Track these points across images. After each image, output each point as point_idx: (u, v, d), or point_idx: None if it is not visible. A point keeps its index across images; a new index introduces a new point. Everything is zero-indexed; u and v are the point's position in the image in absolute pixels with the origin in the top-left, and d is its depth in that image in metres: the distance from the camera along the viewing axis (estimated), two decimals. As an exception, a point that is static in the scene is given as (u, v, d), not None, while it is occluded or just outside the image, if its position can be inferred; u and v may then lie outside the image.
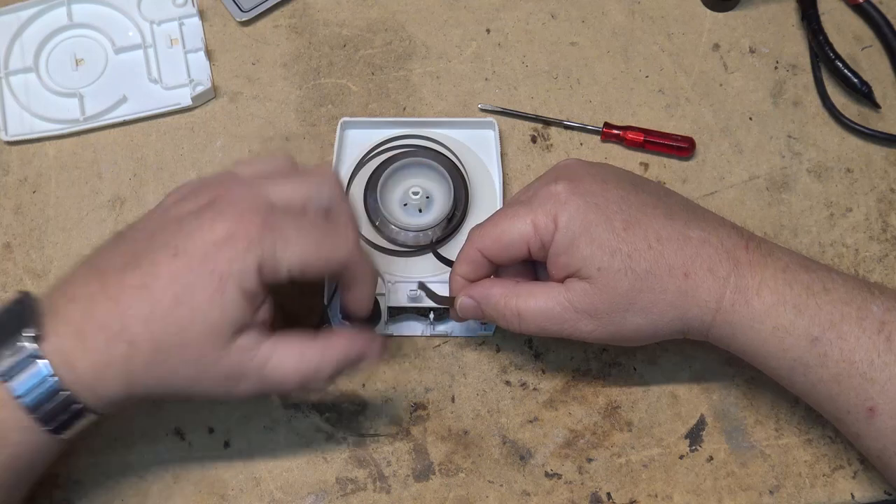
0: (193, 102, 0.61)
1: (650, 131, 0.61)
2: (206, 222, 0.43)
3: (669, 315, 0.46)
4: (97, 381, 0.42)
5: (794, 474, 0.53)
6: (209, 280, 0.41)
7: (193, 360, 0.42)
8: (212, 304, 0.42)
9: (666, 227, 0.47)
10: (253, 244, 0.42)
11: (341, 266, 0.45)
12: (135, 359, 0.42)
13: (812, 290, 0.46)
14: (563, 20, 0.65)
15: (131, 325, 0.42)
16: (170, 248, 0.42)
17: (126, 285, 0.42)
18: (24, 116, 0.61)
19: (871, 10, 0.64)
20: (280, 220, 0.43)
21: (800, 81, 0.63)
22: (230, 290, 0.42)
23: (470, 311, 0.50)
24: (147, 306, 0.42)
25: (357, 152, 0.60)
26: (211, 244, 0.42)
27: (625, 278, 0.46)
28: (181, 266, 0.42)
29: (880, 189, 0.60)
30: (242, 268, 0.42)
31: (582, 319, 0.47)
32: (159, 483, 0.52)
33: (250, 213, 0.43)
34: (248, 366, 0.43)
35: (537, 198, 0.47)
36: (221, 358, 0.43)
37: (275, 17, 0.65)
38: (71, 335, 0.42)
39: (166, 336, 0.42)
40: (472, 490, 0.53)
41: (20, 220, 0.59)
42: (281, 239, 0.43)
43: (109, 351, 0.42)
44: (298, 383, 0.45)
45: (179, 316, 0.42)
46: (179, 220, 0.44)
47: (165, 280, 0.42)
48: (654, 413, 0.55)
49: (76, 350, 0.42)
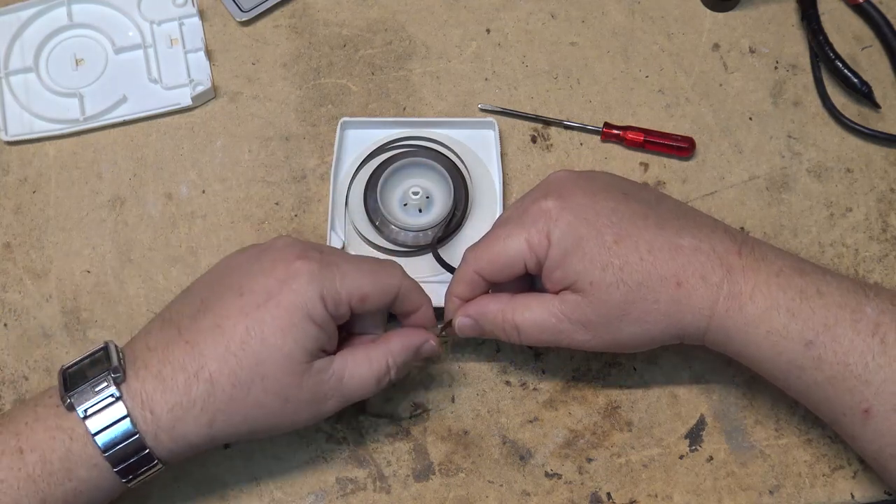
0: (193, 102, 0.61)
1: (650, 131, 0.61)
2: (268, 264, 0.46)
3: (663, 323, 0.47)
4: (177, 422, 0.43)
5: (794, 474, 0.53)
6: (276, 312, 0.44)
7: (275, 390, 0.44)
8: (284, 334, 0.44)
9: (657, 237, 0.47)
10: (314, 278, 0.45)
11: (396, 292, 0.48)
12: (216, 396, 0.44)
13: (806, 294, 0.46)
14: (563, 20, 0.65)
15: (208, 364, 0.44)
16: (235, 289, 0.45)
17: (199, 329, 0.44)
18: (24, 116, 0.61)
19: (871, 10, 0.64)
20: (335, 258, 0.47)
21: (800, 81, 0.63)
22: (298, 319, 0.44)
23: (468, 329, 0.51)
24: (222, 344, 0.44)
25: (357, 152, 0.60)
26: (274, 281, 0.45)
27: (617, 291, 0.46)
28: (248, 303, 0.44)
29: (880, 189, 0.60)
30: (306, 299, 0.44)
31: (577, 331, 0.48)
32: (159, 483, 0.52)
33: (307, 253, 0.46)
34: (328, 385, 0.46)
35: (529, 215, 0.48)
36: (302, 384, 0.45)
37: (275, 17, 0.65)
38: (151, 378, 0.44)
39: (243, 370, 0.44)
40: (472, 490, 0.53)
41: (20, 220, 0.59)
42: (339, 273, 0.46)
43: (189, 391, 0.43)
44: (375, 386, 0.47)
45: (253, 349, 0.44)
46: (240, 267, 0.47)
47: (235, 318, 0.44)
48: (654, 413, 0.55)
49: (156, 392, 0.43)
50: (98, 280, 0.58)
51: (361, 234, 0.57)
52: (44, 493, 0.42)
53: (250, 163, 0.61)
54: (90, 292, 0.58)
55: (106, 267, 0.58)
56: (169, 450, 0.44)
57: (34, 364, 0.56)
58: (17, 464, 0.42)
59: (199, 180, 0.60)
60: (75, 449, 0.43)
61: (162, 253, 0.59)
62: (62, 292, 0.58)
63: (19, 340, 0.57)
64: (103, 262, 0.58)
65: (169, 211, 0.60)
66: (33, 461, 0.42)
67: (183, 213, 0.60)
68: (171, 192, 0.60)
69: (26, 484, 0.42)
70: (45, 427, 0.43)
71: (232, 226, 0.59)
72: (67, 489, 0.43)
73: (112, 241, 0.59)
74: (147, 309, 0.57)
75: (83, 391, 0.43)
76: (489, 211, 0.58)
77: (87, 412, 0.43)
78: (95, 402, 0.43)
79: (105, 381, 0.43)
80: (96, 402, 0.43)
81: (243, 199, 0.60)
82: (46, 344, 0.56)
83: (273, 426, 0.46)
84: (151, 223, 0.59)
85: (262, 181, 0.60)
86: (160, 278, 0.58)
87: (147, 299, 0.58)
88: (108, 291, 0.58)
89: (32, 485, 0.42)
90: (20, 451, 0.43)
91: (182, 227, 0.59)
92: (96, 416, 0.43)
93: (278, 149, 0.61)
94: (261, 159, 0.61)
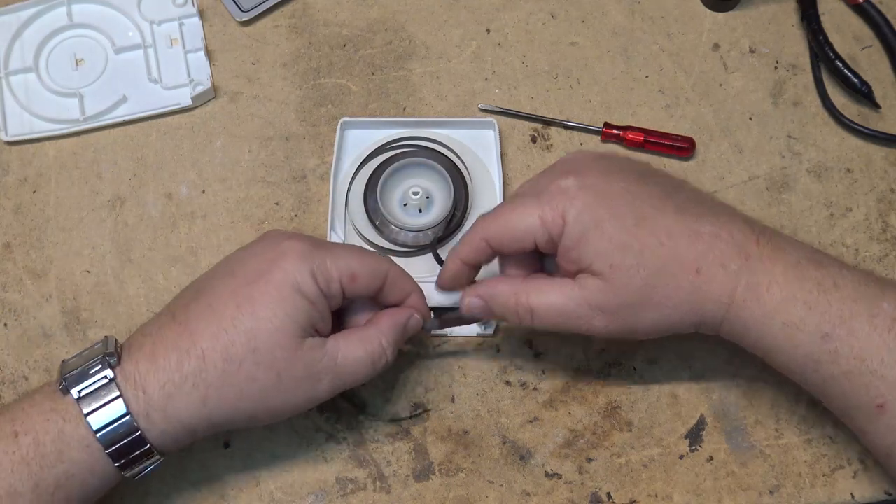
0: (193, 102, 0.61)
1: (650, 131, 0.61)
2: (258, 248, 0.47)
3: (683, 309, 0.46)
4: (169, 401, 0.44)
5: (794, 474, 0.53)
6: (266, 288, 0.45)
7: (267, 363, 0.44)
8: (274, 307, 0.44)
9: (677, 222, 0.46)
10: (305, 255, 0.46)
11: (385, 275, 0.48)
12: (207, 371, 0.44)
13: (823, 287, 0.45)
14: (563, 20, 0.65)
15: (200, 342, 0.44)
16: (227, 272, 0.47)
17: (192, 311, 0.45)
18: (24, 116, 0.61)
19: (871, 10, 0.64)
20: (326, 242, 0.48)
21: (800, 81, 0.63)
22: (289, 293, 0.45)
23: (477, 309, 0.50)
24: (213, 323, 0.44)
25: (357, 152, 0.60)
26: (265, 261, 0.46)
27: (637, 275, 0.45)
28: (239, 282, 0.45)
29: (880, 189, 0.60)
30: (297, 275, 0.45)
31: (596, 316, 0.47)
32: (159, 483, 0.52)
33: (297, 236, 0.47)
34: (322, 364, 0.46)
35: (546, 192, 0.47)
36: (294, 359, 0.45)
37: (275, 17, 0.65)
38: (144, 360, 0.44)
39: (235, 345, 0.44)
40: (472, 490, 0.53)
41: (20, 220, 0.59)
42: (329, 253, 0.47)
43: (181, 368, 0.44)
44: (370, 366, 0.47)
45: (244, 324, 0.44)
46: (234, 256, 0.48)
47: (226, 297, 0.45)
48: (654, 413, 0.55)
49: (148, 373, 0.44)
50: (98, 280, 0.58)
51: (361, 234, 0.57)
52: (37, 477, 0.43)
53: (250, 163, 0.61)
54: (90, 292, 0.58)
55: (106, 267, 0.58)
56: (162, 430, 0.44)
57: (34, 364, 0.56)
58: (11, 447, 0.43)
59: (199, 180, 0.60)
60: (68, 430, 0.43)
61: (162, 253, 0.59)
62: (62, 292, 0.58)
63: (19, 340, 0.57)
64: (103, 262, 0.58)
65: (169, 211, 0.60)
66: (27, 444, 0.43)
67: (183, 213, 0.60)
68: (171, 192, 0.60)
69: (20, 467, 0.42)
70: (39, 410, 0.44)
71: (232, 226, 0.59)
72: (59, 472, 0.43)
73: (112, 241, 0.59)
74: (147, 309, 0.57)
75: (78, 375, 0.44)
76: (489, 211, 0.58)
77: (80, 393, 0.43)
78: (89, 384, 0.43)
79: (99, 364, 0.44)
80: (90, 384, 0.43)
81: (243, 199, 0.60)
82: (46, 344, 0.56)
83: (268, 408, 0.46)
84: (151, 223, 0.59)
85: (262, 181, 0.60)
86: (160, 278, 0.58)
87: (147, 299, 0.58)
88: (108, 291, 0.58)
89: (26, 468, 0.42)
90: (14, 434, 0.43)
91: (182, 227, 0.59)
92: (89, 397, 0.43)
93: (278, 149, 0.61)
94: (261, 159, 0.61)
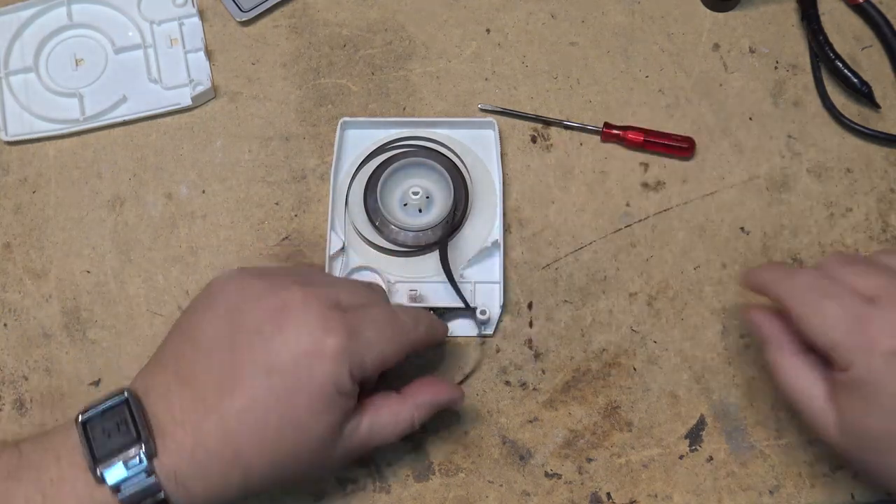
0: (193, 102, 0.61)
1: (650, 131, 0.61)
2: (291, 335, 0.43)
3: None
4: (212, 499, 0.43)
5: (794, 474, 0.53)
6: (308, 394, 0.43)
7: (308, 463, 0.45)
8: (318, 416, 0.43)
9: None
10: (343, 354, 0.43)
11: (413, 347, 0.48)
12: (251, 480, 0.44)
13: None
14: (563, 20, 0.65)
15: (244, 452, 0.43)
16: (260, 365, 0.43)
17: (229, 410, 0.43)
18: (24, 116, 0.61)
19: (871, 10, 0.64)
20: (358, 323, 0.45)
21: (800, 81, 0.63)
22: (330, 399, 0.43)
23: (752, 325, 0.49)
24: (256, 432, 0.43)
25: (357, 152, 0.60)
26: (302, 356, 0.43)
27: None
28: (278, 384, 0.43)
29: (880, 189, 0.60)
30: (337, 378, 0.43)
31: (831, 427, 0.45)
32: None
33: (330, 322, 0.44)
34: (356, 444, 0.46)
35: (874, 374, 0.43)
36: (334, 454, 0.45)
37: (275, 17, 0.65)
38: (185, 462, 0.42)
39: (280, 456, 0.43)
40: (471, 490, 0.53)
41: (20, 220, 0.59)
42: (364, 344, 0.44)
43: (227, 479, 0.43)
44: (398, 438, 0.48)
45: (289, 436, 0.43)
46: (259, 331, 0.44)
47: (267, 400, 0.43)
48: (654, 413, 0.55)
49: (193, 479, 0.42)
50: (98, 280, 0.58)
51: (361, 234, 0.57)
52: None
53: (250, 163, 0.61)
54: (90, 292, 0.58)
55: (106, 267, 0.58)
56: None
57: (34, 364, 0.56)
58: None
59: (199, 180, 0.60)
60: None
61: (162, 253, 0.59)
62: (62, 292, 0.58)
63: (19, 340, 0.57)
64: (103, 262, 0.58)
65: (169, 211, 0.60)
66: None
67: (183, 213, 0.60)
68: (171, 192, 0.60)
69: None
70: (73, 492, 0.42)
71: (232, 226, 0.59)
72: None
73: (112, 241, 0.59)
74: (147, 309, 0.57)
75: (114, 464, 0.42)
76: (489, 211, 0.58)
77: (119, 488, 0.41)
78: (127, 476, 0.42)
79: (136, 458, 0.42)
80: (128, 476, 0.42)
81: (243, 199, 0.60)
82: (46, 344, 0.56)
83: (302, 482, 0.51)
84: (151, 223, 0.59)
85: (262, 181, 0.60)
86: (160, 278, 0.58)
87: (147, 299, 0.58)
88: (108, 291, 0.58)
89: None
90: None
91: (182, 227, 0.59)
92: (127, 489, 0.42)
93: (278, 149, 0.61)
94: (261, 159, 0.61)
